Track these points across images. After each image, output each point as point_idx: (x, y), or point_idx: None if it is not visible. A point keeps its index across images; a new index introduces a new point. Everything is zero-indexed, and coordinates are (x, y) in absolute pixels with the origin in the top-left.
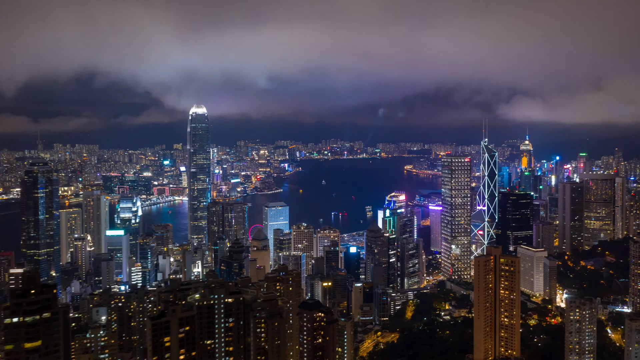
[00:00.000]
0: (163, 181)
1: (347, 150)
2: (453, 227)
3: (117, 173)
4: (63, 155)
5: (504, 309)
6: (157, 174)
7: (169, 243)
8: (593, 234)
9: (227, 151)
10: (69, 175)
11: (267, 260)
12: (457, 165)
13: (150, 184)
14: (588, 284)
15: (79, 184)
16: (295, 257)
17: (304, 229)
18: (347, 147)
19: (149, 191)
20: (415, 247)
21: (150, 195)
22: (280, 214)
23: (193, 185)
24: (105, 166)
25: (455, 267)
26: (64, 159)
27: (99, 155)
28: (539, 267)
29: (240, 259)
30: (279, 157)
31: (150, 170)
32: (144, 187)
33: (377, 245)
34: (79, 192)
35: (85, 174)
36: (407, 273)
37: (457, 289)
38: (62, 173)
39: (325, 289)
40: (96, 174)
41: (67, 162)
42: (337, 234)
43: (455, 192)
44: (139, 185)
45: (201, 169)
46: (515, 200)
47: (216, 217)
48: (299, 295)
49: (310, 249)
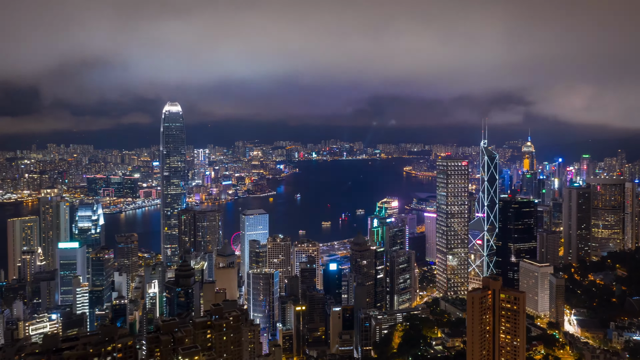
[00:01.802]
0: (152, 183)
1: (347, 151)
2: (449, 238)
3: (102, 175)
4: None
5: (505, 357)
6: (147, 176)
7: (132, 256)
8: (601, 244)
9: (225, 152)
10: (54, 177)
11: (234, 280)
12: (453, 170)
13: (137, 186)
14: (598, 303)
15: (64, 186)
16: (266, 275)
17: (280, 240)
18: (347, 147)
19: (136, 194)
20: (406, 260)
21: (137, 198)
22: (259, 222)
23: (166, 190)
24: (95, 167)
25: (451, 282)
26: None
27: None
28: (544, 284)
29: (188, 285)
30: (277, 157)
31: (141, 171)
32: (130, 190)
33: (363, 260)
34: (62, 194)
35: (70, 175)
36: (397, 290)
37: (452, 309)
38: (47, 175)
39: (298, 313)
40: (82, 176)
41: (56, 163)
42: (317, 248)
43: (452, 199)
44: (125, 187)
45: (175, 173)
46: (517, 208)
47: (187, 226)
48: (239, 346)
49: (287, 264)
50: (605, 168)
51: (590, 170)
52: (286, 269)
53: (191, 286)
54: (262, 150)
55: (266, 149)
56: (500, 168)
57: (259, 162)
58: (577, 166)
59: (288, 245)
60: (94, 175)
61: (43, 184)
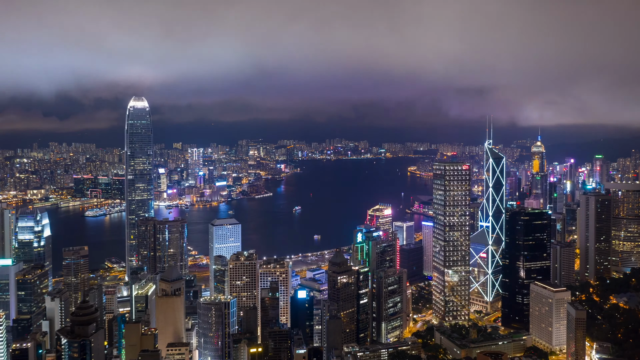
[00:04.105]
0: None
1: (351, 150)
2: (446, 254)
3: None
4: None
5: None
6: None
7: (81, 273)
8: (623, 258)
9: (227, 151)
10: (44, 177)
11: (179, 311)
12: (452, 175)
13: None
14: (624, 334)
15: (52, 186)
16: (218, 305)
17: (244, 259)
18: (352, 147)
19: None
20: (396, 280)
21: (124, 200)
22: (230, 233)
23: (130, 196)
24: (90, 167)
25: (449, 305)
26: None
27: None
28: (560, 312)
29: (85, 335)
30: (280, 157)
31: None
32: (119, 191)
33: (343, 282)
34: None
35: (58, 175)
36: (384, 316)
37: (448, 344)
38: (36, 175)
39: (254, 356)
40: (72, 176)
41: (50, 162)
42: (285, 269)
43: (450, 209)
44: (113, 188)
45: (141, 176)
46: (528, 220)
47: (146, 238)
48: None
49: (252, 288)
50: (619, 169)
51: (603, 171)
52: (252, 293)
53: (89, 337)
54: (266, 150)
55: (270, 148)
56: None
57: (255, 161)
58: (590, 167)
59: (254, 264)
60: (81, 175)
61: (30, 184)
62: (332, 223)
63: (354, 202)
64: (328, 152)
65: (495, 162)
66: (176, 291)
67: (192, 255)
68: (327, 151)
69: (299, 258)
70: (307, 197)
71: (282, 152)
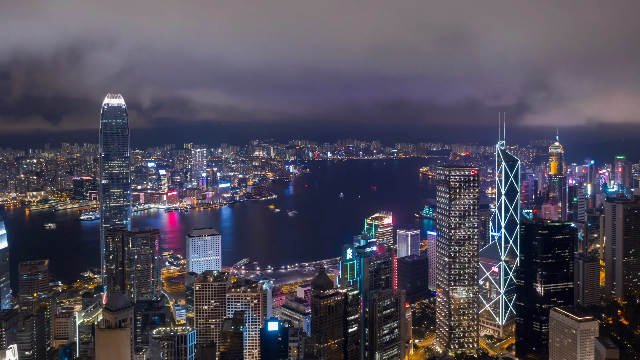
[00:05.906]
0: (147, 185)
1: (363, 151)
2: (451, 272)
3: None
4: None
5: None
6: (142, 177)
7: (41, 290)
8: None
9: (237, 151)
10: (45, 179)
11: (125, 348)
12: (457, 181)
13: None
14: None
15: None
16: (170, 339)
17: (213, 280)
18: (363, 147)
19: None
20: (393, 303)
21: None
22: (208, 245)
23: (105, 202)
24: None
25: (455, 331)
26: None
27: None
28: (585, 346)
29: None
30: (290, 157)
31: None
32: None
33: (326, 308)
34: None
35: (59, 177)
36: (378, 345)
37: None
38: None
39: None
40: (72, 177)
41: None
42: (257, 294)
43: (456, 221)
44: None
45: (117, 180)
46: (546, 235)
47: (114, 252)
48: None
49: (221, 313)
50: None
51: (626, 173)
52: (219, 319)
53: None
54: (277, 150)
55: (280, 148)
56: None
57: (260, 162)
58: (610, 168)
59: (223, 286)
60: (81, 177)
61: (31, 186)
62: (332, 229)
63: (361, 205)
64: (339, 152)
65: (509, 166)
66: (122, 322)
67: (181, 264)
68: (338, 151)
69: (295, 268)
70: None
71: (292, 152)
